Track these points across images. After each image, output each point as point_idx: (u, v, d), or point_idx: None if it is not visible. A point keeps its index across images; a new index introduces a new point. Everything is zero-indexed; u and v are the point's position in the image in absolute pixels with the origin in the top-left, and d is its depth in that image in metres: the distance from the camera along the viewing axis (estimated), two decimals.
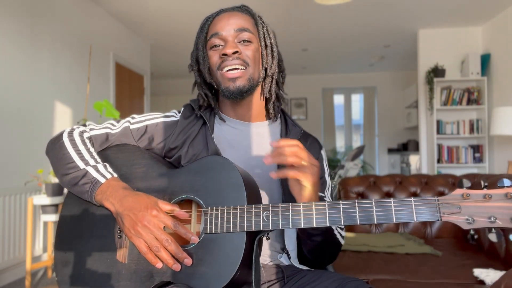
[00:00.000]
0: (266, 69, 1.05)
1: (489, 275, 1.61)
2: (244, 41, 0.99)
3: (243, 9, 1.05)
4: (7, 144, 2.98)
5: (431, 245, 2.13)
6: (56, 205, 2.87)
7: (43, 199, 2.77)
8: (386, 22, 4.99)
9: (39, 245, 3.24)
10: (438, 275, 1.71)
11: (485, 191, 0.74)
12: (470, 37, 5.19)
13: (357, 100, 8.66)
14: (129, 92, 5.19)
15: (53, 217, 2.86)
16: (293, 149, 0.83)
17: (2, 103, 2.94)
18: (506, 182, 0.74)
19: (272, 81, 1.06)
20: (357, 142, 8.71)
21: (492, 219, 0.72)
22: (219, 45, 1.00)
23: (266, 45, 1.04)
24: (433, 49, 5.26)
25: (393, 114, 8.03)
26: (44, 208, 2.83)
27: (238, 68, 0.98)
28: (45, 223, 3.28)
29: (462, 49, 5.17)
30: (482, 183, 0.76)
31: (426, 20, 4.94)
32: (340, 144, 8.56)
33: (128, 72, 5.14)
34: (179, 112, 1.10)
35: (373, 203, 0.78)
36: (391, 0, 4.28)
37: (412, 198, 0.77)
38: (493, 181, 2.00)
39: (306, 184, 0.84)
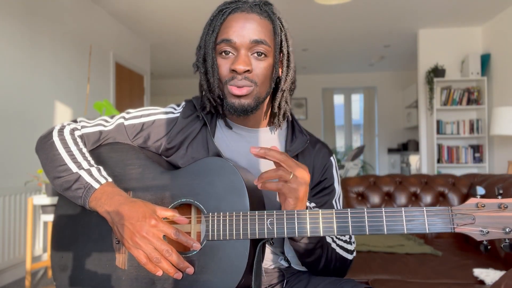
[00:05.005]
0: (278, 81, 0.95)
1: (489, 275, 1.61)
2: (258, 53, 0.89)
3: (263, 11, 0.92)
4: (7, 144, 2.97)
5: (431, 245, 2.13)
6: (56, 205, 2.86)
7: (43, 199, 2.77)
8: (386, 22, 4.99)
9: (39, 245, 3.24)
10: (438, 275, 1.71)
11: (500, 200, 0.72)
12: (470, 37, 5.19)
13: (357, 100, 8.67)
14: (129, 92, 5.19)
15: (53, 217, 2.85)
16: (280, 156, 0.79)
17: (2, 103, 2.94)
18: None
19: (283, 94, 0.97)
20: (357, 142, 8.71)
21: (507, 230, 0.70)
22: (229, 52, 0.90)
23: (282, 53, 0.94)
24: (433, 49, 5.25)
25: (393, 114, 8.03)
26: (44, 208, 2.83)
27: (245, 86, 0.90)
28: (45, 223, 3.28)
29: (462, 49, 5.17)
30: (497, 190, 0.73)
31: (426, 20, 4.94)
32: (340, 144, 8.56)
33: (128, 72, 5.14)
34: (178, 106, 1.03)
35: (383, 212, 0.74)
36: (391, 0, 4.28)
37: (424, 208, 0.74)
38: (500, 180, 2.00)
39: (290, 198, 0.80)
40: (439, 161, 5.09)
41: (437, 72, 5.01)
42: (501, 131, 3.92)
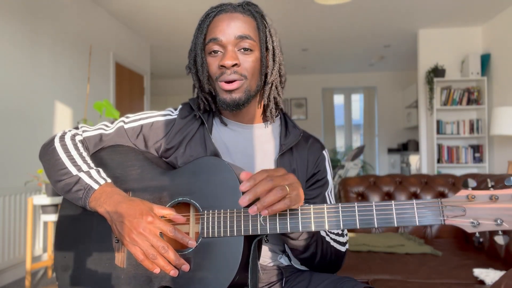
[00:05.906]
0: (266, 74, 1.00)
1: (489, 275, 1.61)
2: (244, 49, 0.94)
3: (246, 10, 0.98)
4: (7, 144, 2.97)
5: (431, 245, 2.13)
6: (56, 205, 2.86)
7: (43, 199, 2.77)
8: (386, 22, 4.99)
9: (39, 245, 3.24)
10: (438, 275, 1.71)
11: (491, 191, 0.71)
12: (470, 37, 5.19)
13: (357, 100, 8.66)
14: (129, 92, 5.19)
15: (53, 217, 2.85)
16: (267, 184, 0.72)
17: (2, 103, 2.94)
18: None
19: (272, 87, 1.02)
20: (357, 142, 8.71)
21: (498, 221, 0.68)
22: (218, 51, 0.95)
23: (267, 49, 0.99)
24: (433, 49, 5.26)
25: (393, 114, 8.03)
26: (44, 208, 2.83)
27: (235, 80, 0.94)
28: (45, 223, 3.28)
29: (462, 49, 5.17)
30: (489, 182, 0.72)
31: (426, 20, 4.94)
32: (340, 144, 8.56)
33: (128, 72, 5.14)
34: (175, 110, 1.07)
35: (373, 206, 0.75)
36: (391, 0, 4.28)
37: (414, 200, 0.73)
38: (500, 179, 2.00)
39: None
40: (439, 161, 5.09)
41: (437, 72, 5.01)
42: (501, 131, 3.92)
